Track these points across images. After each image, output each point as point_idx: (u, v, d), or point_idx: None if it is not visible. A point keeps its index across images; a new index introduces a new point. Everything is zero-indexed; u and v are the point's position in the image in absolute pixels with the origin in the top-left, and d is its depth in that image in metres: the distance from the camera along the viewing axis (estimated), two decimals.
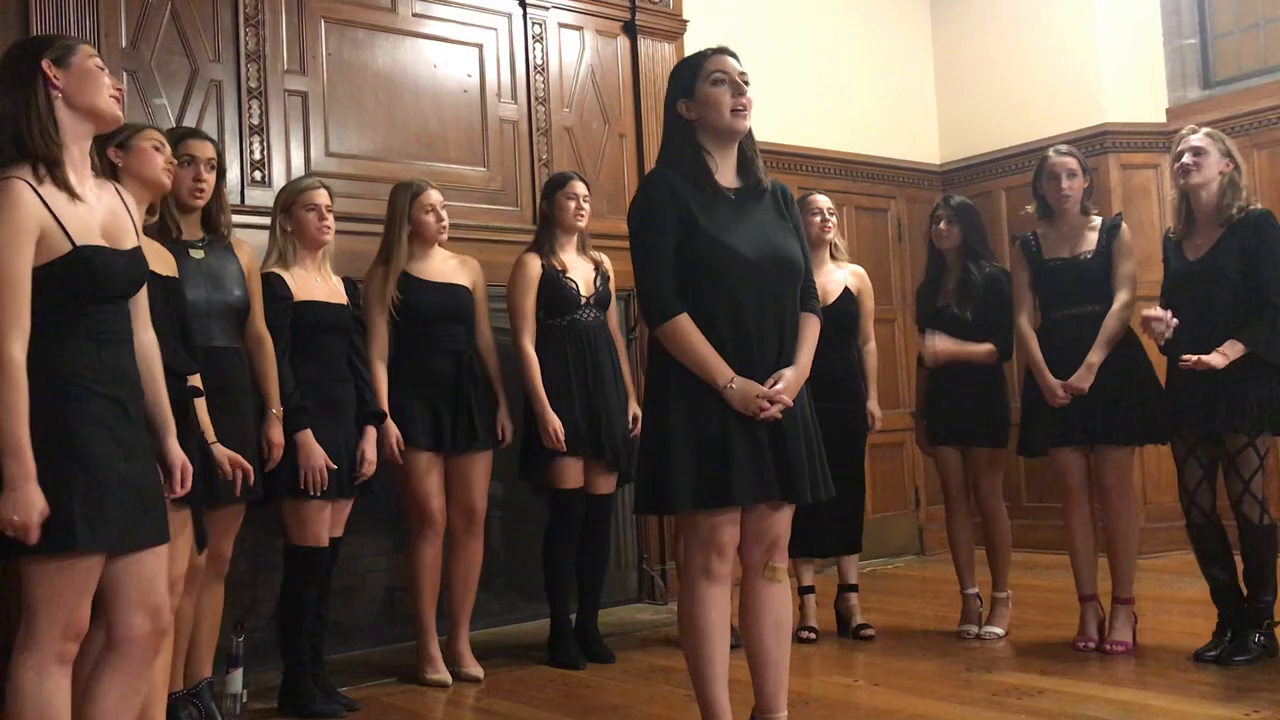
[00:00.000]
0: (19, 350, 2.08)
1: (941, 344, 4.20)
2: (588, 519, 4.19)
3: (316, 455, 3.44)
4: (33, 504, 2.05)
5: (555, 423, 3.98)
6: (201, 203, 3.25)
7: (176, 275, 3.00)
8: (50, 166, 2.18)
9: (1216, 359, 3.53)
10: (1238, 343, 3.55)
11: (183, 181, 3.16)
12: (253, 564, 4.05)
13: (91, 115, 2.26)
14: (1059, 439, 3.96)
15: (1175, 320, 3.66)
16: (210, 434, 3.01)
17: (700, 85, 2.64)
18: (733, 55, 2.68)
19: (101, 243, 2.22)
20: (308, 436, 3.44)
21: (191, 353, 2.89)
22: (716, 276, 2.56)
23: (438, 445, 3.87)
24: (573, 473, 4.10)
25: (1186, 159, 3.71)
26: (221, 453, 3.02)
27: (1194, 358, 3.54)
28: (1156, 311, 3.69)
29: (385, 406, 3.77)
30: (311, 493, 3.45)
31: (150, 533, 2.23)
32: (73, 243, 2.17)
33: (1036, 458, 4.20)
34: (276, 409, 3.39)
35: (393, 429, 3.77)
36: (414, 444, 3.83)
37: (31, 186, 2.14)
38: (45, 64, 2.19)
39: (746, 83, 2.65)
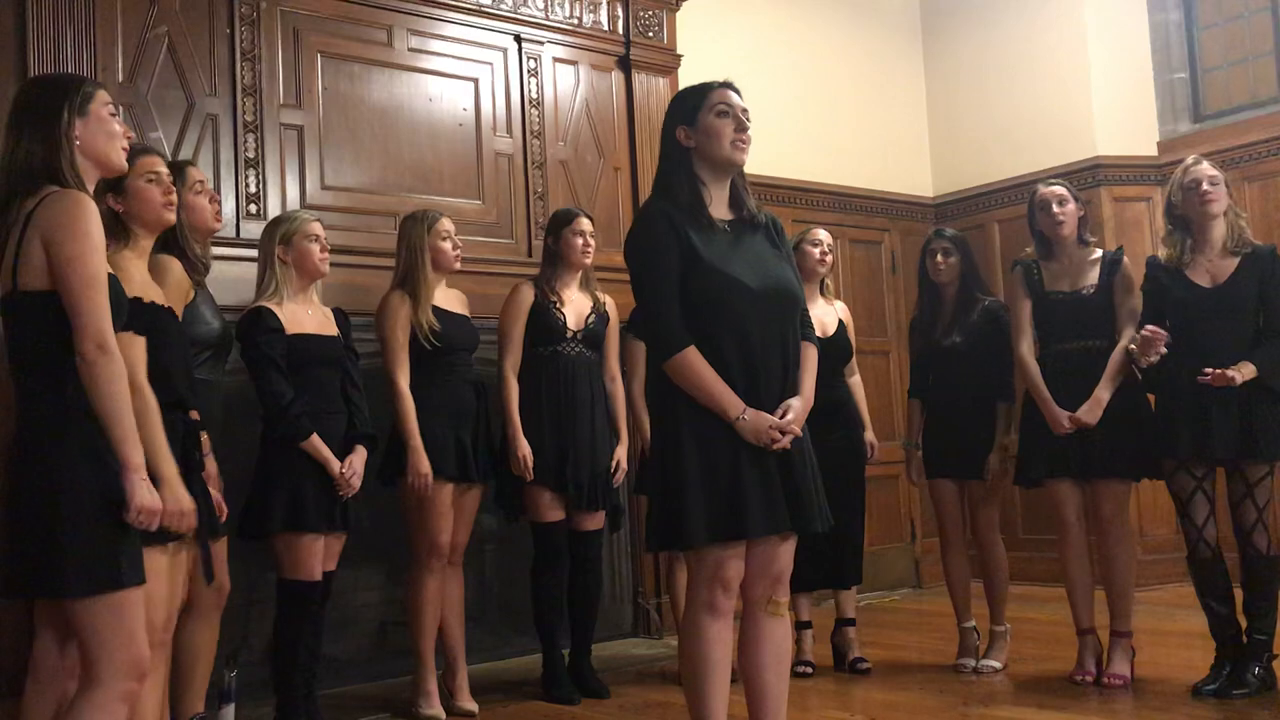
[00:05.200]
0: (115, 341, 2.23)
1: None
2: (575, 556, 4.17)
3: (333, 460, 3.48)
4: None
5: (524, 449, 3.99)
6: (219, 226, 3.29)
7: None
8: None
9: (1235, 375, 3.52)
10: (1249, 364, 3.55)
11: (204, 209, 3.22)
12: (245, 599, 4.02)
13: (101, 165, 2.37)
14: (1055, 471, 3.95)
15: (1166, 336, 3.65)
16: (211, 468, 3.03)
17: (704, 115, 2.66)
18: (736, 90, 2.71)
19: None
20: (316, 442, 3.47)
21: (192, 387, 2.89)
22: (722, 308, 2.56)
23: (464, 476, 3.87)
24: (549, 505, 4.09)
25: (1207, 188, 3.70)
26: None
27: (1216, 371, 3.52)
28: (1155, 328, 3.66)
29: (416, 430, 3.76)
30: (343, 493, 3.49)
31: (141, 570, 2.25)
32: None
33: (1033, 489, 4.19)
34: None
35: (424, 462, 3.76)
36: (442, 475, 3.83)
37: None
38: (70, 116, 2.29)
39: (748, 119, 2.68)
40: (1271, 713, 3.43)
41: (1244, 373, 3.55)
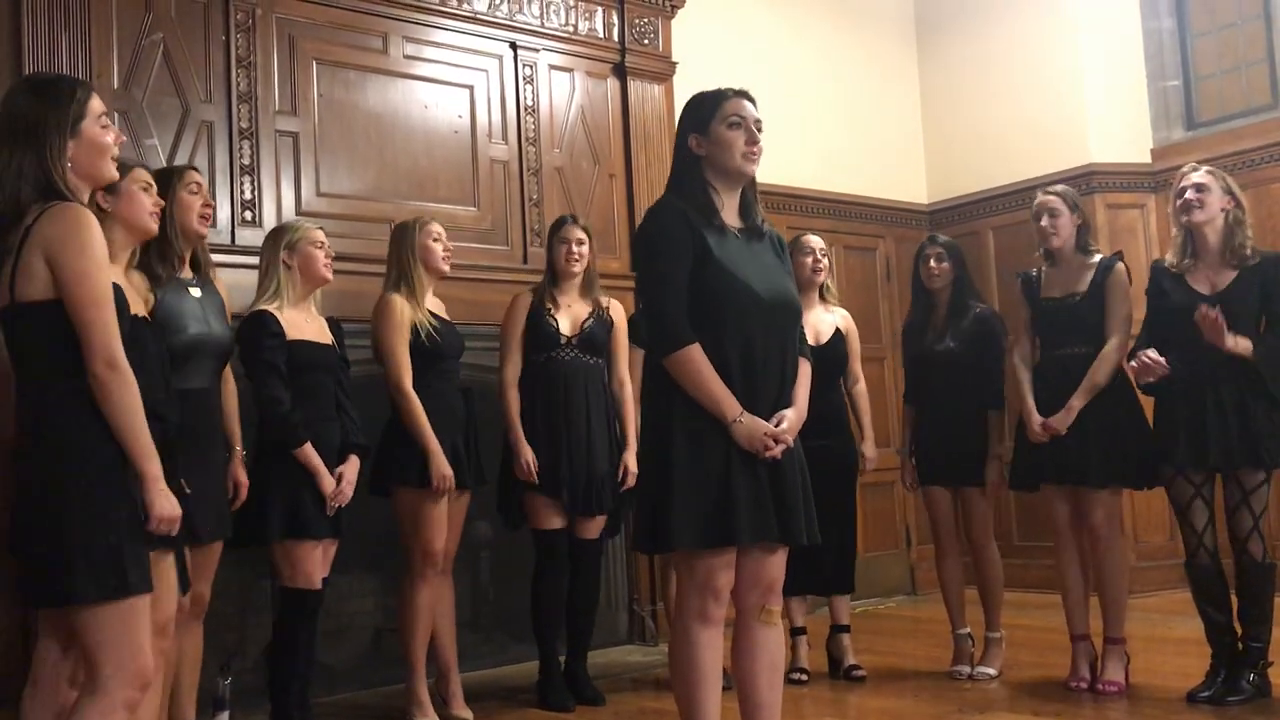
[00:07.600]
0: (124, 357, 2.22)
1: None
2: (574, 562, 4.16)
3: (324, 473, 3.47)
4: (174, 499, 2.26)
5: (528, 454, 4.00)
6: (206, 231, 3.28)
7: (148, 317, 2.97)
8: None
9: (1231, 341, 3.50)
10: (1247, 341, 3.54)
11: (192, 209, 3.21)
12: (238, 606, 4.02)
13: (92, 181, 2.36)
14: (1048, 476, 3.96)
15: (1166, 369, 3.64)
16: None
17: (716, 125, 2.66)
18: (751, 100, 2.71)
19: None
20: (309, 450, 3.46)
21: (171, 399, 2.88)
22: (730, 310, 2.56)
23: (459, 483, 3.86)
24: (551, 513, 4.09)
25: (1189, 195, 3.71)
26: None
27: (1210, 314, 3.50)
28: (1154, 354, 3.64)
29: (432, 433, 3.74)
30: (336, 504, 3.49)
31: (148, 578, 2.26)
32: None
33: (1027, 493, 4.19)
34: (240, 448, 3.40)
35: (446, 464, 3.76)
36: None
37: None
38: (61, 140, 2.26)
39: (760, 130, 2.68)
40: (1265, 719, 3.44)
41: (1240, 346, 3.53)
